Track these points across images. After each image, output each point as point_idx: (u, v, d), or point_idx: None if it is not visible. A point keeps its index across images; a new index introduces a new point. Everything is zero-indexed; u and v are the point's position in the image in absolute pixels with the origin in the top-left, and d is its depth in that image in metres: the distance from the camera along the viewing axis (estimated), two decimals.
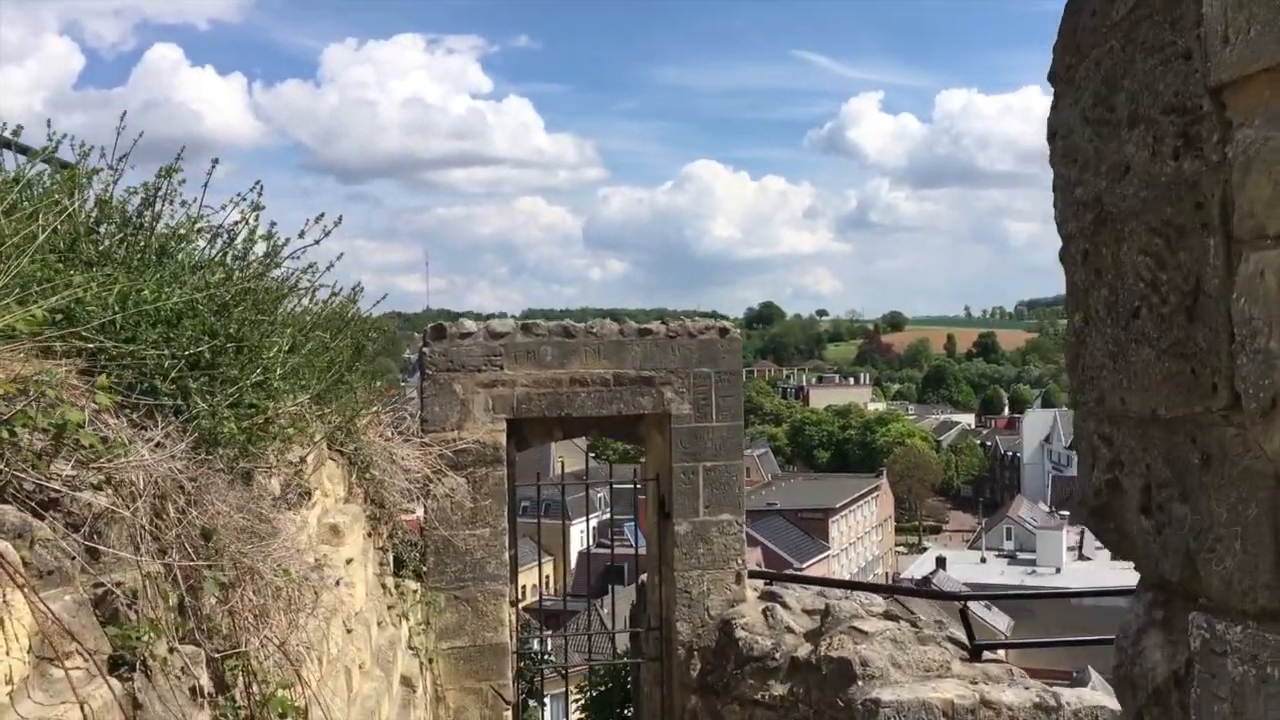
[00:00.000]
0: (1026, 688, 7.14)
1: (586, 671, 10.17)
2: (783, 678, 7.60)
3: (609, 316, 8.38)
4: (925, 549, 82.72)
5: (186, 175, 4.08)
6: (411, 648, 7.12)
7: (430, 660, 7.46)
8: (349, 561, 5.52)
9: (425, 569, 7.70)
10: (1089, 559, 59.36)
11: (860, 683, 7.04)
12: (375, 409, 7.09)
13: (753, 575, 8.49)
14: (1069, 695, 7.05)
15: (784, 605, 8.10)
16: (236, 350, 4.32)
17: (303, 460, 5.09)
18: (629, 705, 9.52)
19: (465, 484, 7.77)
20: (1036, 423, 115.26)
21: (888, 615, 7.88)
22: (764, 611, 8.02)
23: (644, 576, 9.15)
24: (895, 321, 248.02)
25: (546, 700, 10.19)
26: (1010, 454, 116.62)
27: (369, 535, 6.54)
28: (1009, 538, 71.71)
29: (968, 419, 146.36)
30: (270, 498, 4.58)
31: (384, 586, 6.78)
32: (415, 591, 7.39)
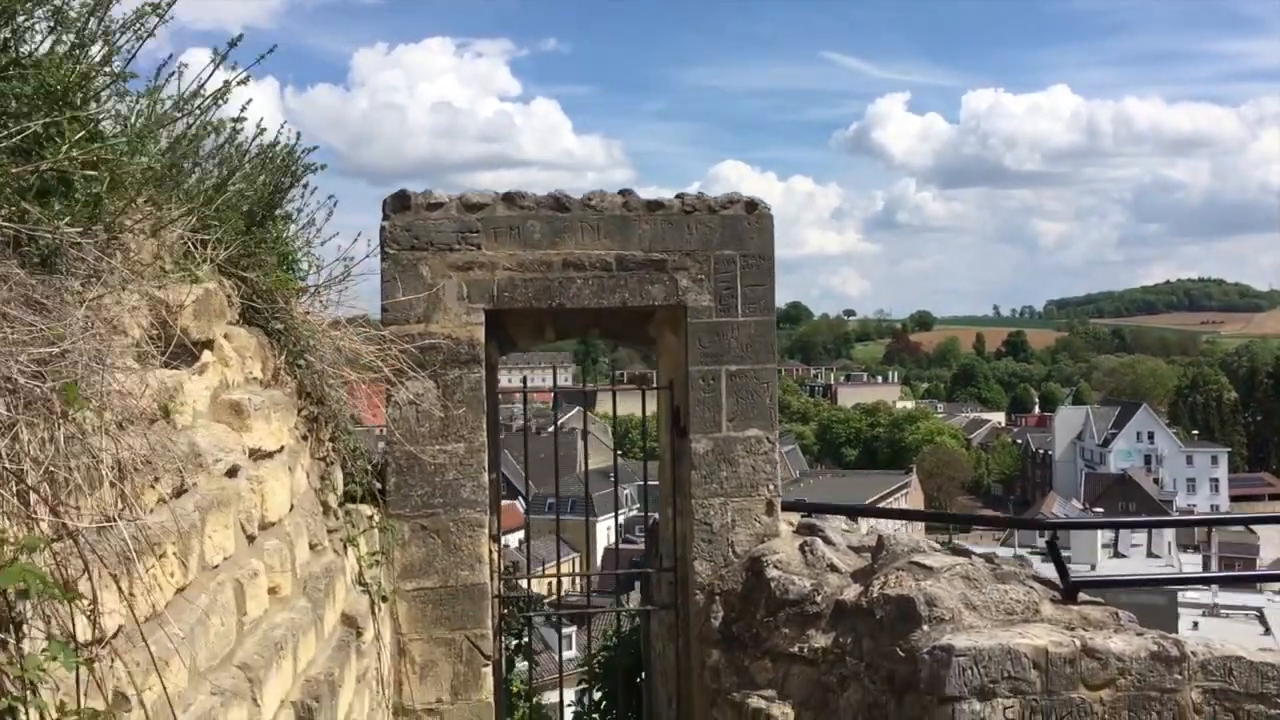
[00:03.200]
0: (1139, 634, 5.62)
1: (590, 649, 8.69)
2: (825, 626, 6.11)
3: None
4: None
5: None
6: (362, 584, 5.68)
7: (388, 600, 6.02)
8: (259, 455, 4.11)
9: (385, 491, 6.26)
10: (1124, 556, 57.48)
11: (926, 627, 5.53)
12: (317, 281, 5.66)
13: (787, 507, 7.00)
14: (1195, 644, 5.52)
15: (826, 540, 6.60)
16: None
17: (181, 306, 3.67)
18: (641, 673, 8.04)
19: (434, 388, 6.33)
20: (1068, 420, 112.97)
21: (956, 552, 6.37)
22: (801, 547, 6.53)
23: (656, 516, 7.67)
24: (923, 321, 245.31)
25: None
26: (1042, 452, 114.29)
27: (304, 439, 5.12)
28: (1042, 534, 69.67)
29: (998, 417, 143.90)
30: (123, 342, 3.17)
31: (325, 506, 5.34)
32: (371, 518, 5.95)
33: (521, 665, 7.67)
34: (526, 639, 7.32)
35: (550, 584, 8.57)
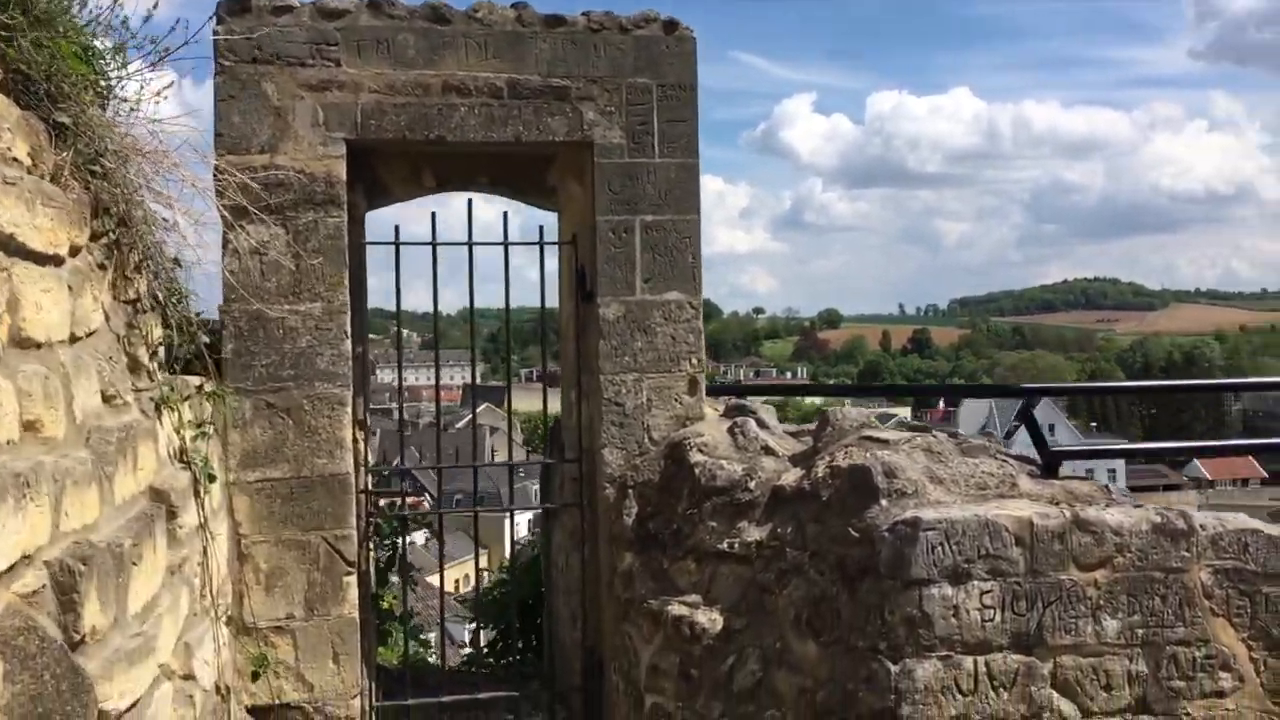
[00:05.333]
0: (1138, 506, 4.69)
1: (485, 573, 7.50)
2: (760, 516, 5.07)
3: None
4: None
5: None
6: (184, 461, 4.48)
7: (216, 482, 4.81)
8: (14, 248, 2.92)
9: (220, 360, 5.06)
10: None
11: (884, 502, 4.52)
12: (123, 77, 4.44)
13: (713, 393, 5.95)
14: (1203, 517, 4.61)
15: (760, 423, 5.57)
16: None
17: None
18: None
19: (284, 234, 5.14)
20: (973, 413, 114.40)
21: (912, 430, 5.40)
22: (730, 430, 5.49)
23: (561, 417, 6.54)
24: (831, 319, 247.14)
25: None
26: None
27: (101, 268, 3.91)
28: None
29: (904, 411, 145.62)
30: None
31: (135, 362, 4.13)
32: (200, 389, 4.74)
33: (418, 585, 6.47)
34: (401, 547, 6.13)
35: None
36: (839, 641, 4.51)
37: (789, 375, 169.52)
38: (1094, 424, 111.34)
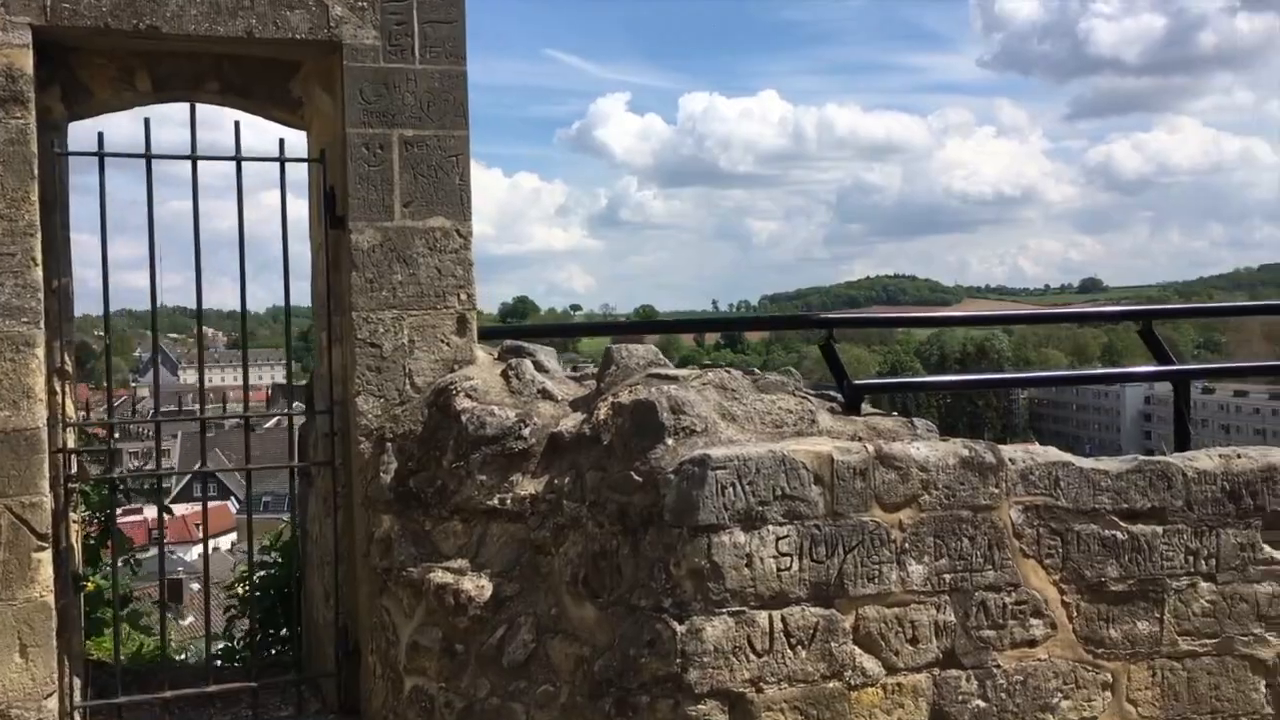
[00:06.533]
0: (944, 439, 4.29)
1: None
2: (536, 468, 4.45)
3: None
4: None
5: None
6: None
7: None
8: None
9: None
10: None
11: (670, 441, 3.97)
12: None
13: (486, 336, 5.29)
14: (1013, 451, 4.24)
15: (538, 366, 4.95)
16: None
17: None
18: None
19: None
20: None
21: (704, 368, 4.87)
22: (505, 373, 4.84)
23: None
24: (647, 315, 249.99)
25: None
26: None
27: None
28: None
29: None
30: None
31: None
32: None
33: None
34: (110, 516, 5.19)
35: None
36: (620, 602, 3.93)
37: None
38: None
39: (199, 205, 4.71)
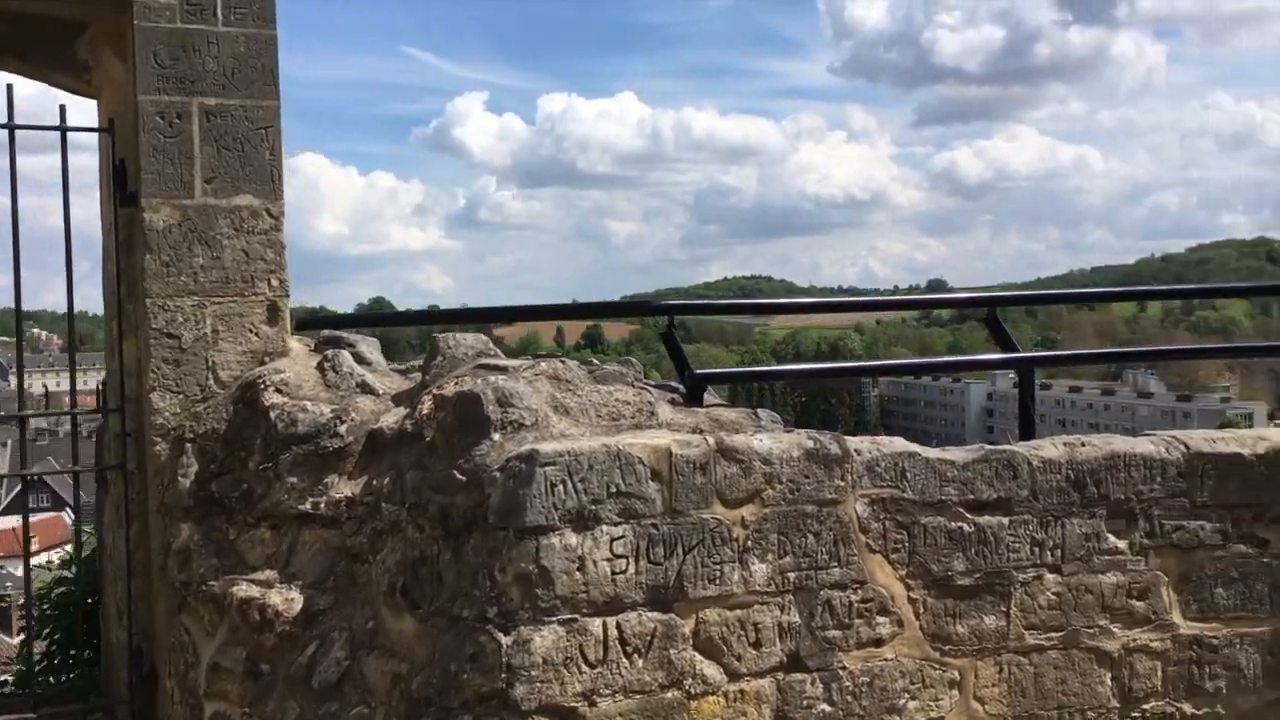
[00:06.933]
0: (789, 431, 4.09)
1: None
2: (353, 468, 4.07)
3: None
4: None
5: None
6: None
7: None
8: None
9: None
10: None
11: (497, 436, 3.65)
12: None
13: (306, 325, 4.87)
14: (859, 442, 4.06)
15: (359, 357, 4.56)
16: None
17: None
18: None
19: None
20: None
21: (538, 357, 4.57)
22: (320, 366, 4.44)
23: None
24: (510, 318, 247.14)
25: None
26: None
27: None
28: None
29: None
30: None
31: None
32: None
33: None
34: None
35: None
36: (441, 613, 3.59)
37: None
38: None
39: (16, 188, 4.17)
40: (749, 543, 3.75)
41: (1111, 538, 4.20)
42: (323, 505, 4.03)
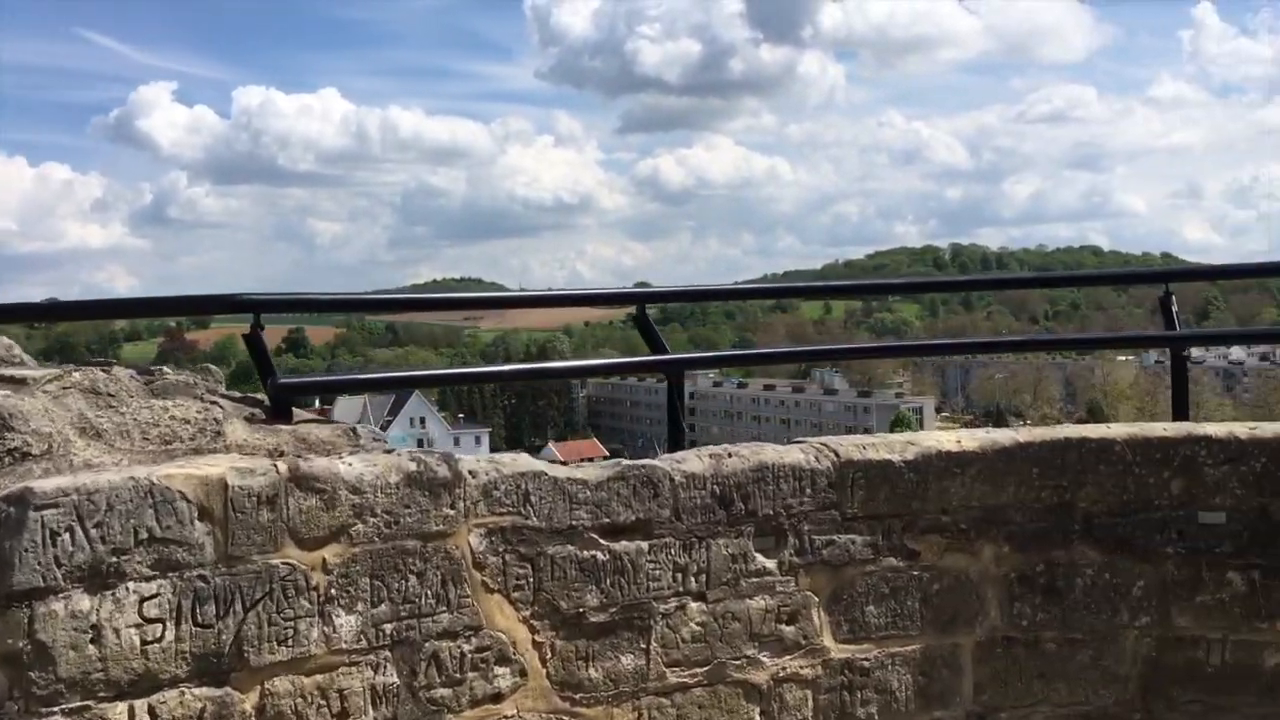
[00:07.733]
0: (390, 450, 3.42)
1: None
2: None
3: None
4: None
5: None
6: None
7: None
8: None
9: None
10: None
11: None
12: None
13: None
14: (474, 462, 3.44)
15: None
16: None
17: None
18: None
19: None
20: (348, 409, 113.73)
21: (89, 364, 3.67)
22: None
23: None
24: (201, 320, 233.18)
25: None
26: None
27: None
28: None
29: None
30: None
31: None
32: None
33: None
34: None
35: None
36: None
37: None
38: (460, 415, 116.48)
39: None
40: (333, 591, 3.07)
41: (760, 557, 3.81)
42: None
